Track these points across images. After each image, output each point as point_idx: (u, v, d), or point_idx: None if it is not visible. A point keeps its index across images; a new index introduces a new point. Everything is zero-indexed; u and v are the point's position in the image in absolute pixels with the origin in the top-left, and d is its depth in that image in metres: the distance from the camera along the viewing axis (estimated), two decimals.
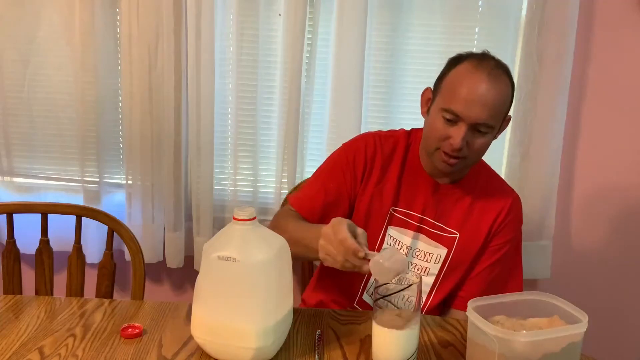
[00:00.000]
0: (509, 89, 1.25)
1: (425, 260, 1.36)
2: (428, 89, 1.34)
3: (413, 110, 1.85)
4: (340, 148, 1.43)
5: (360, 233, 1.09)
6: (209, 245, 1.03)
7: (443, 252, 1.35)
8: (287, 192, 1.82)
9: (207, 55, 1.79)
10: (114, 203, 1.96)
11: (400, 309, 0.99)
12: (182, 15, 1.79)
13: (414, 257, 1.36)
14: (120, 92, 1.88)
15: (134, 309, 1.23)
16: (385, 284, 0.99)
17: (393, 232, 1.36)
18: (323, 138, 1.89)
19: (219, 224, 1.92)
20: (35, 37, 1.86)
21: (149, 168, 1.89)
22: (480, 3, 1.82)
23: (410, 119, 1.81)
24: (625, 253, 1.99)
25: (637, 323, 2.05)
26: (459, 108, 1.20)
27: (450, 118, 1.22)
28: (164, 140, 1.86)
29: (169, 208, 1.91)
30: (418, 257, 1.36)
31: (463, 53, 1.29)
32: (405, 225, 1.36)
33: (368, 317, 1.18)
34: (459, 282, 1.38)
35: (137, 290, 1.46)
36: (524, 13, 1.79)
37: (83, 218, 1.52)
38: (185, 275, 2.06)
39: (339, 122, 1.82)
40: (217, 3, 1.78)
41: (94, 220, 1.51)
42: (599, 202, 1.96)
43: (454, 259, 1.35)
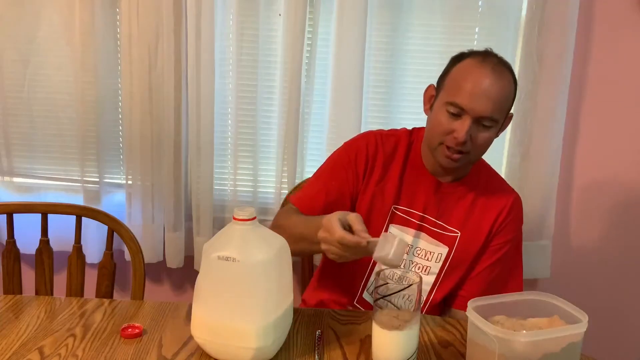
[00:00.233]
0: (512, 85, 1.26)
1: (426, 259, 1.36)
2: (431, 86, 1.35)
3: (413, 110, 1.85)
4: (342, 147, 1.43)
5: (354, 218, 1.09)
6: (209, 245, 1.03)
7: (444, 250, 1.35)
8: (287, 192, 1.83)
9: (207, 55, 1.79)
10: (114, 203, 1.96)
11: (400, 309, 0.99)
12: (182, 15, 1.79)
13: (415, 255, 1.36)
14: (120, 92, 1.88)
15: (134, 309, 1.23)
16: (385, 284, 1.00)
17: (394, 230, 1.36)
18: (323, 138, 1.89)
19: (219, 224, 1.92)
20: (35, 37, 1.86)
21: (149, 168, 1.89)
22: (480, 3, 1.82)
23: (411, 119, 1.80)
24: (625, 253, 1.99)
25: (637, 323, 2.05)
26: (464, 101, 1.21)
27: (455, 112, 1.23)
28: (164, 140, 1.86)
29: (169, 208, 1.91)
30: (419, 255, 1.36)
31: (466, 51, 1.30)
32: (407, 224, 1.36)
33: (368, 317, 1.18)
34: (460, 281, 1.38)
35: (137, 290, 1.46)
36: (524, 13, 1.79)
37: (83, 218, 1.52)
38: (185, 275, 2.06)
39: (339, 122, 1.82)
40: (217, 3, 1.78)
41: (94, 220, 1.51)
42: (599, 201, 1.96)
43: (455, 258, 1.35)
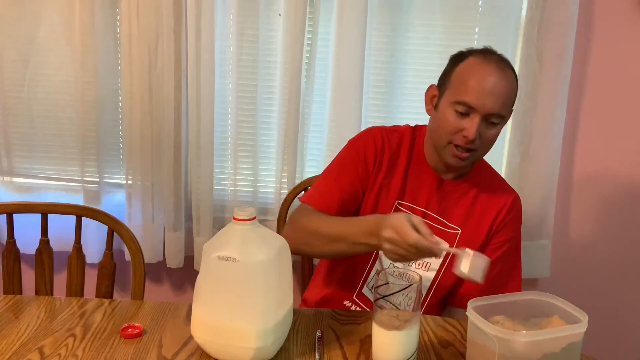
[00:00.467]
0: (515, 81, 1.28)
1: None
2: (433, 86, 1.35)
3: (413, 110, 1.85)
4: (348, 144, 1.43)
5: (420, 222, 1.09)
6: (209, 245, 1.03)
7: (445, 247, 1.35)
8: (286, 192, 1.81)
9: (207, 55, 1.79)
10: (114, 203, 1.96)
11: (400, 309, 0.99)
12: (182, 15, 1.79)
13: None
14: (120, 92, 1.88)
15: (134, 309, 1.23)
16: (385, 284, 1.00)
17: None
18: (323, 138, 1.89)
19: (219, 224, 1.92)
20: (35, 37, 1.86)
21: (149, 168, 1.89)
22: (480, 3, 1.82)
23: (411, 119, 1.79)
24: (625, 252, 1.99)
25: (637, 323, 2.05)
26: (472, 99, 1.22)
27: (463, 111, 1.24)
28: (164, 140, 1.86)
29: (169, 208, 1.91)
30: None
31: (464, 49, 1.31)
32: None
33: (368, 317, 1.18)
34: (459, 279, 1.38)
35: (137, 290, 1.46)
36: (524, 13, 1.79)
37: (83, 218, 1.52)
38: (185, 275, 2.06)
39: (339, 122, 1.82)
40: (217, 3, 1.78)
41: (94, 220, 1.51)
42: (599, 201, 1.96)
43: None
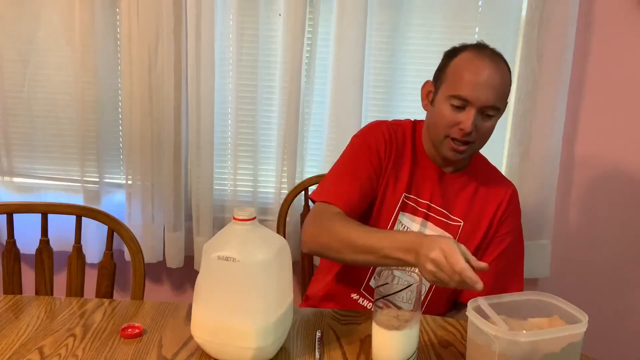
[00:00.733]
0: (509, 73, 1.30)
1: None
2: (428, 82, 1.37)
3: (413, 110, 1.84)
4: (356, 138, 1.40)
5: (466, 250, 1.05)
6: (209, 245, 1.03)
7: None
8: (286, 192, 1.80)
9: (207, 55, 1.79)
10: (114, 203, 1.96)
11: (400, 309, 0.99)
12: (182, 15, 1.79)
13: None
14: (120, 92, 1.88)
15: (134, 309, 1.23)
16: (385, 284, 1.00)
17: (404, 218, 1.37)
18: (323, 138, 1.89)
19: (219, 224, 1.92)
20: (35, 37, 1.86)
21: (149, 168, 1.89)
22: (480, 3, 1.82)
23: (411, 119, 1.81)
24: (625, 253, 1.99)
25: (637, 323, 2.05)
26: (468, 93, 1.24)
27: (459, 104, 1.25)
28: (164, 140, 1.86)
29: (169, 208, 1.91)
30: None
31: (457, 45, 1.33)
32: (415, 212, 1.37)
33: (368, 317, 1.18)
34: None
35: (137, 290, 1.46)
36: (524, 13, 1.79)
37: (83, 218, 1.52)
38: (185, 275, 2.06)
39: (339, 122, 1.82)
40: (217, 3, 1.78)
41: (94, 220, 1.51)
42: (599, 201, 1.96)
43: None
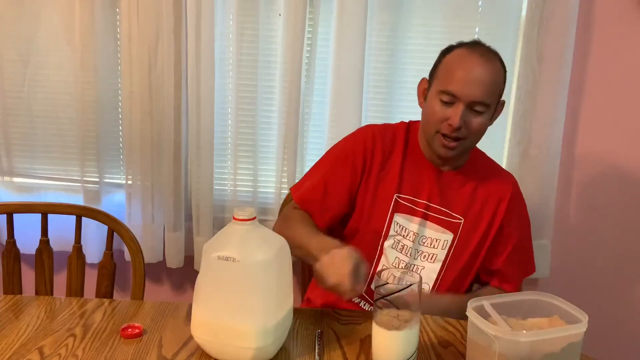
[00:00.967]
0: (501, 71, 1.31)
1: (432, 247, 1.38)
2: (424, 79, 1.39)
3: (413, 110, 1.83)
4: (341, 140, 1.47)
5: (363, 270, 1.12)
6: (209, 245, 1.03)
7: (449, 237, 1.37)
8: (286, 192, 1.82)
9: (207, 55, 1.79)
10: (114, 203, 1.96)
11: (400, 309, 0.99)
12: (182, 15, 1.79)
13: (421, 244, 1.38)
14: (120, 92, 1.88)
15: (134, 309, 1.23)
16: (385, 284, 1.00)
17: (399, 219, 1.38)
18: (323, 138, 1.89)
19: (219, 224, 1.92)
20: (35, 37, 1.86)
21: (149, 168, 1.89)
22: (480, 3, 1.82)
23: (411, 119, 1.80)
24: (625, 253, 1.99)
25: (637, 323, 2.05)
26: (456, 88, 1.26)
27: (448, 100, 1.27)
28: (164, 140, 1.86)
29: (169, 208, 1.91)
30: (425, 244, 1.38)
31: (454, 43, 1.34)
32: (412, 212, 1.38)
33: (368, 317, 1.18)
34: (463, 269, 1.39)
35: (137, 290, 1.46)
36: (524, 13, 1.79)
37: (83, 218, 1.52)
38: (185, 275, 2.06)
39: (339, 122, 1.82)
40: (217, 3, 1.78)
41: (94, 220, 1.51)
42: (599, 201, 1.96)
43: (459, 245, 1.37)
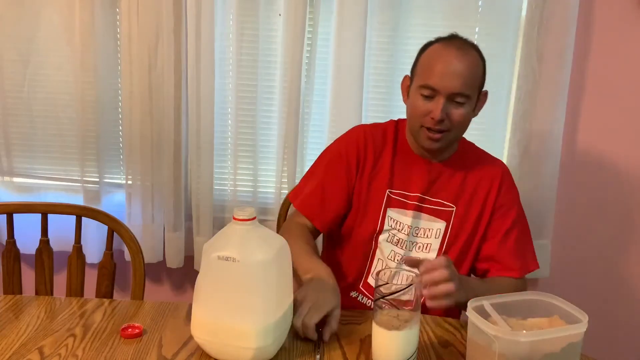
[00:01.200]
0: (479, 61, 1.33)
1: (426, 237, 1.40)
2: (406, 77, 1.42)
3: None
4: (333, 143, 1.49)
5: (334, 317, 1.13)
6: (209, 245, 1.03)
7: (442, 225, 1.39)
8: (286, 192, 1.82)
9: (207, 55, 1.79)
10: (114, 203, 1.96)
11: (400, 309, 0.99)
12: (182, 15, 1.80)
13: (415, 235, 1.40)
14: (120, 92, 1.88)
15: (134, 309, 1.23)
16: (385, 284, 1.00)
17: (393, 213, 1.40)
18: (323, 138, 1.89)
19: (219, 224, 1.92)
20: (35, 37, 1.86)
21: (149, 168, 1.89)
22: (480, 3, 1.82)
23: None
24: (625, 253, 1.99)
25: (637, 323, 2.05)
26: (435, 81, 1.28)
27: (428, 94, 1.30)
28: (164, 140, 1.86)
29: (169, 208, 1.91)
30: (419, 235, 1.40)
31: (432, 39, 1.37)
32: (404, 206, 1.40)
33: (368, 317, 1.18)
34: (459, 257, 1.40)
35: (137, 290, 1.46)
36: (524, 13, 1.79)
37: (83, 218, 1.52)
38: (185, 275, 2.06)
39: (339, 122, 1.82)
40: (217, 3, 1.78)
41: (94, 220, 1.51)
42: (599, 201, 1.96)
43: (453, 232, 1.39)
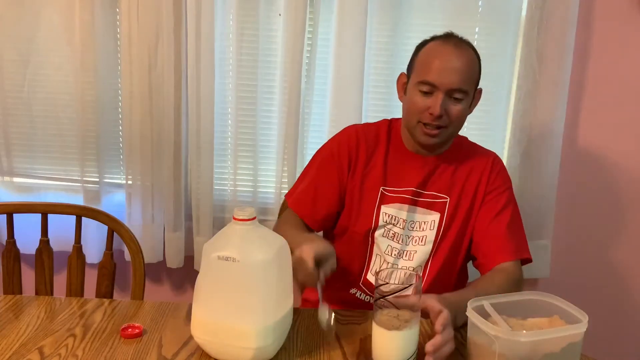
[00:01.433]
0: (475, 59, 1.36)
1: (422, 230, 1.41)
2: (402, 74, 1.43)
3: None
4: (326, 143, 1.51)
5: (330, 264, 1.17)
6: (209, 245, 1.03)
7: (436, 217, 1.40)
8: (286, 192, 1.82)
9: (207, 55, 1.79)
10: (114, 203, 1.96)
11: (400, 309, 0.99)
12: (182, 15, 1.79)
13: (411, 229, 1.41)
14: (120, 92, 1.88)
15: (134, 309, 1.23)
16: (385, 284, 1.00)
17: (387, 209, 1.41)
18: (323, 138, 1.88)
19: (219, 224, 1.92)
20: (35, 37, 1.86)
21: (149, 168, 1.89)
22: (480, 3, 1.82)
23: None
24: (625, 252, 1.99)
25: (637, 323, 2.05)
26: (434, 77, 1.30)
27: (427, 90, 1.31)
28: (164, 140, 1.86)
29: (169, 208, 1.91)
30: (414, 228, 1.41)
31: (428, 37, 1.38)
32: (399, 201, 1.41)
33: (368, 317, 1.19)
34: (453, 247, 1.41)
35: (137, 290, 1.46)
36: (524, 13, 1.79)
37: (83, 218, 1.52)
38: (185, 275, 2.06)
39: (339, 122, 1.82)
40: (217, 3, 1.78)
41: (94, 220, 1.51)
42: (599, 201, 1.96)
43: (447, 222, 1.41)
